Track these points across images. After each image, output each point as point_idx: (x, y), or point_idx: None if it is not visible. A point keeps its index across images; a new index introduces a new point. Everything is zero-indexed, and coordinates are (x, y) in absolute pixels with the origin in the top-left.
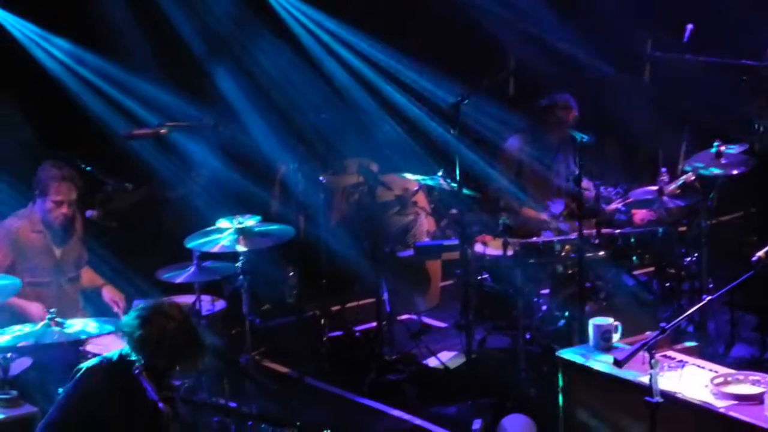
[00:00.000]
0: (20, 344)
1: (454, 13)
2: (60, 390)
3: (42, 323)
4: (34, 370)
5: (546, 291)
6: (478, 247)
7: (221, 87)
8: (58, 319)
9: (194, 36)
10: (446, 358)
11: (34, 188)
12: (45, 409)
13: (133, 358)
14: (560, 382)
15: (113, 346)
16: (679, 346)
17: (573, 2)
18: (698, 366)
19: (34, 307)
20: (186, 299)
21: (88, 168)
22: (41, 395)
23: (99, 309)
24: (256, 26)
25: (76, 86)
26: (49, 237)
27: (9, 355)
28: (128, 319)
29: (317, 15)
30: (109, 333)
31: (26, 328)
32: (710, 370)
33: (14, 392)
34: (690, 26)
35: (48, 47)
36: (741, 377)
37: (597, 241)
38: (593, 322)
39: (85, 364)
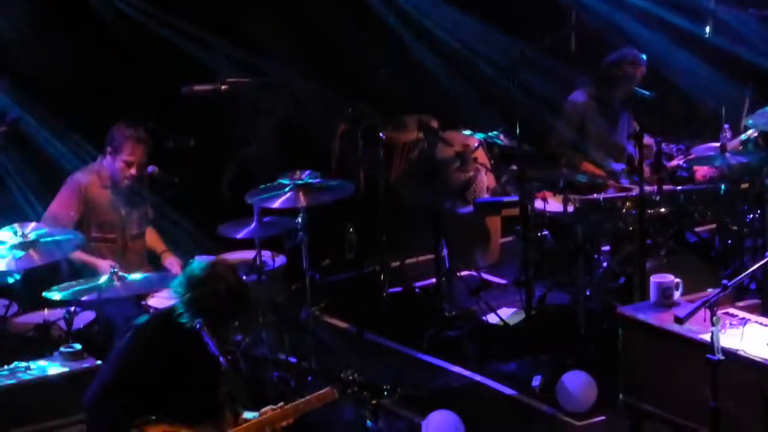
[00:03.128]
0: (83, 298)
1: None
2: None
3: (105, 277)
4: (97, 324)
5: (606, 248)
6: (539, 204)
7: (282, 43)
8: (120, 273)
9: None
10: (506, 314)
11: (105, 144)
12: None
13: (184, 316)
14: (620, 340)
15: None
16: (741, 304)
17: None
18: (760, 323)
19: (104, 264)
20: (247, 254)
21: (150, 124)
22: (105, 349)
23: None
24: None
25: (138, 40)
26: (116, 194)
27: (73, 309)
28: (180, 279)
29: None
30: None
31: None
32: None
33: (78, 346)
34: None
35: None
36: None
37: (658, 198)
38: (654, 279)
39: (137, 322)
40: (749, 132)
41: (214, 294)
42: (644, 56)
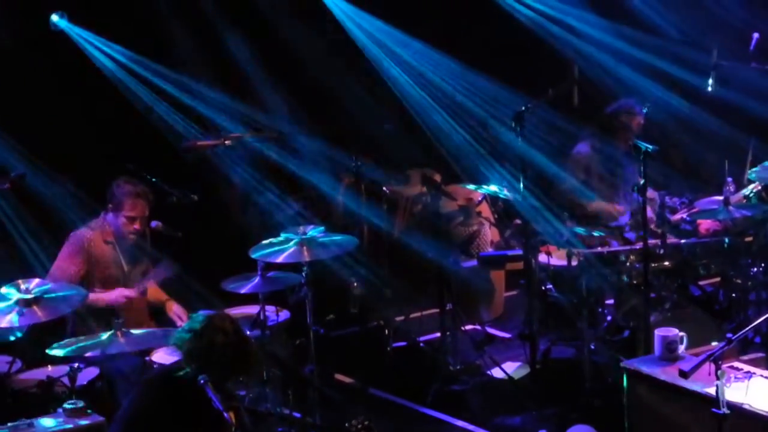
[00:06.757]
0: (87, 354)
1: (519, 23)
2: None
3: (109, 333)
4: (101, 380)
5: (611, 301)
6: (542, 257)
7: (284, 97)
8: (124, 329)
9: (257, 46)
10: (510, 368)
11: (107, 200)
12: (112, 418)
13: (187, 369)
14: (625, 393)
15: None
16: (745, 357)
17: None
18: (765, 377)
19: (113, 295)
20: (250, 309)
21: (154, 179)
22: (108, 405)
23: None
24: (316, 34)
25: (140, 97)
26: (118, 249)
27: (76, 365)
28: (180, 332)
29: (379, 23)
30: None
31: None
32: None
33: (81, 402)
34: (756, 35)
35: (114, 57)
36: None
37: (662, 252)
38: (658, 332)
39: (143, 379)
40: (752, 185)
41: (212, 345)
42: (641, 106)
